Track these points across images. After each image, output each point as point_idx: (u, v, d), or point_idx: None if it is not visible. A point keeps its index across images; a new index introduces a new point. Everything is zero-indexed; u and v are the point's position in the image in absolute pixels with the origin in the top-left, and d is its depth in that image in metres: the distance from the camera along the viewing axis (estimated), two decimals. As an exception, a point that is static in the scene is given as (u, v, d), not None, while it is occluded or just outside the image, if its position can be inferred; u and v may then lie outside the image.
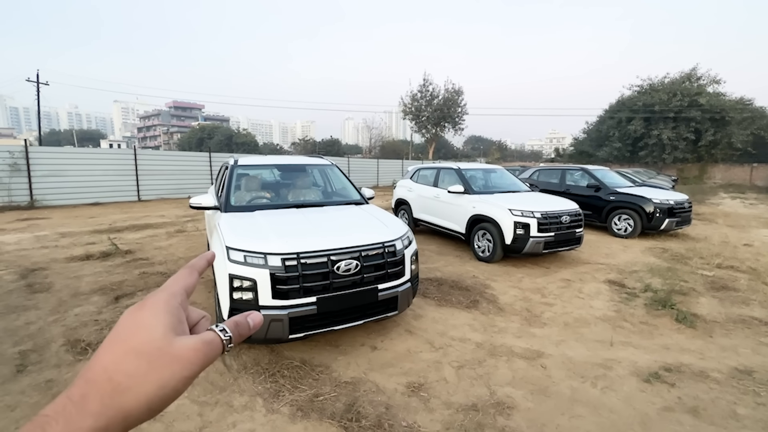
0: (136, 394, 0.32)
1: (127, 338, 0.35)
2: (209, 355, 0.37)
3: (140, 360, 0.33)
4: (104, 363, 0.33)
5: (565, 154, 41.66)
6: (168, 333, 0.36)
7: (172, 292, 0.40)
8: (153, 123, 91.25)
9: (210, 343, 0.38)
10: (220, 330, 0.40)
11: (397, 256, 3.14)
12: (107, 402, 0.31)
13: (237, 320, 0.42)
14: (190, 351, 0.36)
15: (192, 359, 0.36)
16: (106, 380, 0.32)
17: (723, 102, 29.47)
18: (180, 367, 0.35)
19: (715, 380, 2.82)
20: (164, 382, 0.34)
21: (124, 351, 0.34)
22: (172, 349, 0.35)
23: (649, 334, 3.60)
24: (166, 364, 0.34)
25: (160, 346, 0.35)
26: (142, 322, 0.36)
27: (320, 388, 2.62)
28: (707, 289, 4.86)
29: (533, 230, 5.51)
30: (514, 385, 2.72)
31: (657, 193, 8.56)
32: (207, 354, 0.37)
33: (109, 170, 13.03)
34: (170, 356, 0.34)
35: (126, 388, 0.32)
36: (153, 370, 0.33)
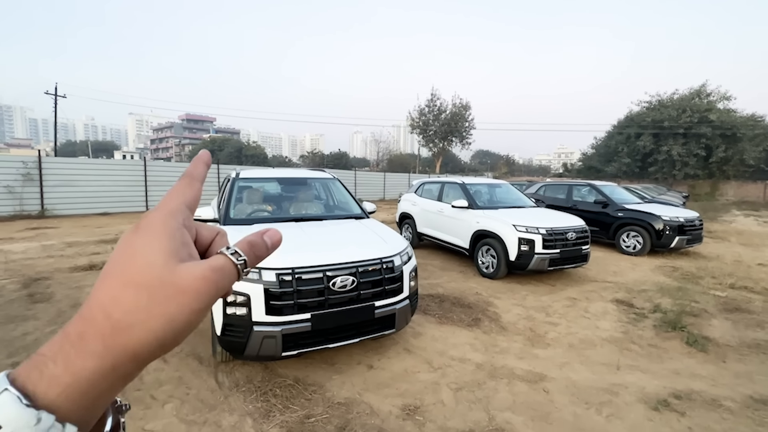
0: (140, 331, 0.28)
1: (123, 269, 0.30)
2: (221, 284, 0.32)
3: (139, 293, 0.29)
4: (100, 298, 0.29)
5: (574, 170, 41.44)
6: (169, 260, 0.31)
7: (170, 210, 0.34)
8: (166, 135, 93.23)
9: (221, 269, 0.33)
10: (232, 253, 0.34)
11: (395, 273, 3.07)
12: (109, 341, 0.28)
13: (251, 239, 0.37)
14: (197, 280, 0.31)
15: (200, 289, 0.31)
16: (104, 317, 0.28)
17: (734, 118, 29.19)
18: (188, 299, 0.30)
19: (728, 409, 2.67)
20: (171, 316, 0.29)
21: (120, 284, 0.29)
22: (175, 278, 0.30)
23: (658, 357, 3.45)
24: (171, 295, 0.30)
25: (161, 275, 0.30)
26: (137, 249, 0.31)
27: (312, 409, 2.53)
28: (720, 311, 4.68)
29: (538, 247, 5.40)
30: (515, 410, 2.60)
31: (667, 209, 8.39)
32: (218, 282, 0.32)
33: (119, 181, 13.24)
34: (174, 287, 0.30)
35: (128, 325, 0.28)
36: (156, 303, 0.29)
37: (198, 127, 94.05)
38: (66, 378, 0.26)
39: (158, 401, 2.59)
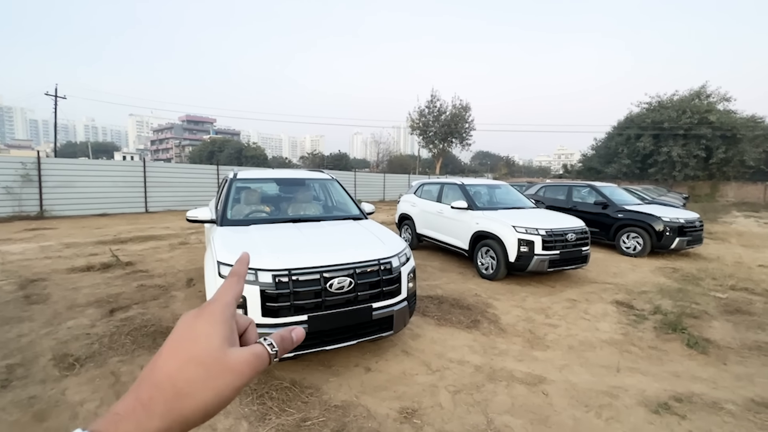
0: (194, 400, 0.35)
1: (188, 347, 0.37)
2: (258, 367, 0.40)
3: (200, 369, 0.36)
4: (168, 370, 0.35)
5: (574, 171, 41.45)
6: (224, 344, 0.38)
7: (225, 302, 0.41)
8: (166, 136, 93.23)
9: (260, 356, 0.40)
10: (268, 344, 0.42)
11: (393, 274, 3.05)
12: (170, 406, 0.34)
13: (282, 335, 0.45)
14: (242, 364, 0.38)
15: (244, 371, 0.38)
16: (170, 386, 0.34)
17: (734, 119, 29.18)
18: (233, 378, 0.37)
19: (729, 412, 2.64)
20: (219, 390, 0.36)
21: (186, 359, 0.36)
22: (227, 360, 0.37)
23: (658, 359, 3.42)
24: (221, 373, 0.36)
25: (218, 356, 0.37)
26: (200, 331, 0.38)
27: (309, 412, 2.50)
28: (720, 313, 4.65)
29: (538, 248, 5.38)
30: (513, 414, 2.58)
31: (667, 210, 8.37)
32: (257, 366, 0.39)
33: (118, 182, 13.22)
34: (225, 367, 0.37)
35: (186, 394, 0.34)
36: (210, 378, 0.36)
37: (198, 128, 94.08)
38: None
39: (153, 404, 2.55)
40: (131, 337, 3.49)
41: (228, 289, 0.43)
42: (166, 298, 4.58)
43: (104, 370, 2.94)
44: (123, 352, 3.23)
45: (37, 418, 2.38)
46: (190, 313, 0.41)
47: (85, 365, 3.00)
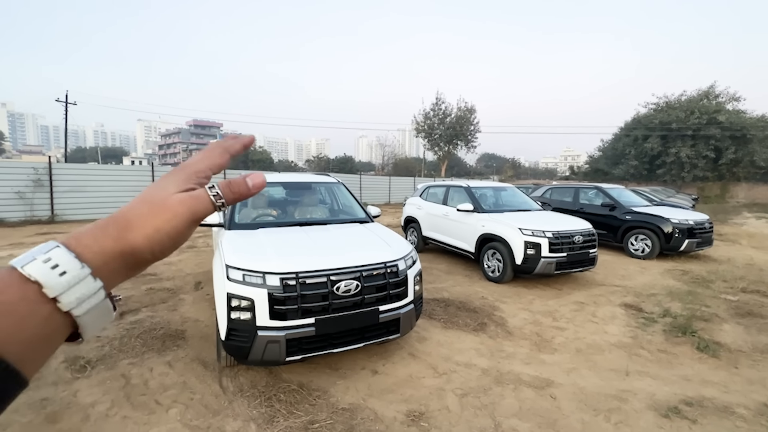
0: (139, 231, 0.40)
1: (145, 193, 0.42)
2: (194, 208, 0.42)
3: (145, 206, 0.41)
4: (125, 208, 0.41)
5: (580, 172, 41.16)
6: (171, 188, 0.42)
7: (196, 170, 0.45)
8: (173, 141, 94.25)
9: (196, 197, 0.43)
10: (209, 187, 0.44)
11: (399, 277, 3.06)
12: (121, 233, 0.39)
13: (232, 179, 0.46)
14: (178, 203, 0.42)
15: (177, 209, 0.41)
16: (123, 218, 0.40)
17: (744, 119, 28.81)
18: (169, 215, 0.41)
19: (741, 417, 2.61)
20: (158, 225, 0.40)
21: (140, 198, 0.42)
22: (167, 199, 0.41)
23: (668, 363, 3.39)
24: (160, 211, 0.41)
25: (162, 196, 0.41)
26: (159, 183, 0.43)
27: (316, 415, 2.52)
28: (731, 315, 4.59)
29: (544, 250, 5.35)
30: (521, 417, 2.57)
31: (676, 212, 8.28)
32: (191, 206, 0.42)
33: (127, 186, 13.38)
34: (164, 205, 0.41)
35: (134, 226, 0.40)
36: (152, 214, 0.40)
37: (205, 133, 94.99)
38: (95, 248, 0.38)
39: (163, 406, 2.59)
40: (141, 340, 3.53)
41: (207, 157, 0.46)
42: (175, 301, 4.63)
43: (115, 373, 2.98)
44: (133, 355, 3.27)
45: (50, 419, 2.42)
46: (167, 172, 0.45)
47: (96, 367, 3.05)
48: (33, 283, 0.33)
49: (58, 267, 0.34)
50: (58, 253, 0.35)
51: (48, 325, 0.34)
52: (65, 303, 0.34)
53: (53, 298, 0.34)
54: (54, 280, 0.34)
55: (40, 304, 0.33)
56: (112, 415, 2.48)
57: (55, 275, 0.34)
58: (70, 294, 0.35)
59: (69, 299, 0.34)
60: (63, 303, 0.34)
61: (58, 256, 0.35)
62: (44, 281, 0.33)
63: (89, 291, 0.36)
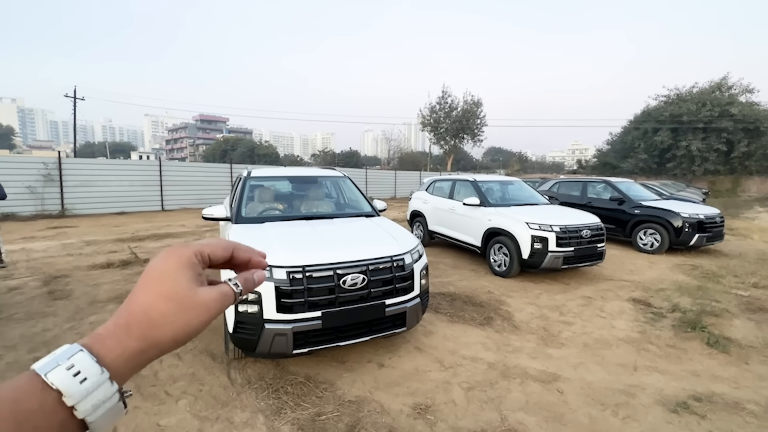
0: (166, 329, 0.40)
1: (158, 285, 0.42)
2: (224, 303, 0.46)
3: (170, 303, 0.41)
4: (142, 302, 0.41)
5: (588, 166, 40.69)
6: (190, 283, 0.43)
7: (197, 251, 0.45)
8: (180, 135, 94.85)
9: (226, 294, 0.46)
10: (234, 284, 0.47)
11: (405, 271, 3.05)
12: (146, 332, 0.39)
13: (246, 276, 0.50)
14: (210, 300, 0.44)
15: (211, 306, 0.43)
16: (145, 317, 0.40)
17: (757, 112, 28.20)
18: (202, 311, 0.42)
19: (751, 413, 2.58)
20: (188, 321, 0.42)
21: (156, 295, 0.41)
22: (196, 297, 0.42)
23: (677, 358, 3.36)
24: (191, 308, 0.42)
25: (186, 294, 0.42)
26: (168, 273, 0.42)
27: (323, 407, 2.54)
28: (742, 311, 4.52)
29: (551, 244, 5.31)
30: (528, 411, 2.56)
31: (685, 206, 8.15)
32: (223, 302, 0.45)
33: (135, 181, 13.53)
34: (194, 302, 0.42)
35: (160, 324, 0.40)
36: (181, 311, 0.41)
37: (211, 128, 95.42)
38: (117, 350, 0.38)
39: (172, 397, 2.63)
40: (150, 332, 3.58)
41: (210, 247, 0.47)
42: (183, 295, 4.68)
43: (125, 364, 3.02)
44: (143, 347, 3.31)
45: (63, 409, 2.47)
46: (161, 254, 0.44)
47: (107, 359, 3.09)
48: (53, 390, 0.33)
49: (80, 374, 0.34)
50: (81, 358, 0.35)
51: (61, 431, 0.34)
52: (81, 411, 0.34)
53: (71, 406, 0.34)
54: (74, 389, 0.34)
55: (57, 412, 0.33)
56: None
57: (76, 383, 0.34)
58: (87, 401, 0.34)
59: (86, 407, 0.34)
60: (79, 411, 0.34)
61: (81, 362, 0.35)
62: (65, 390, 0.33)
63: (105, 396, 0.36)
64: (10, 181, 10.17)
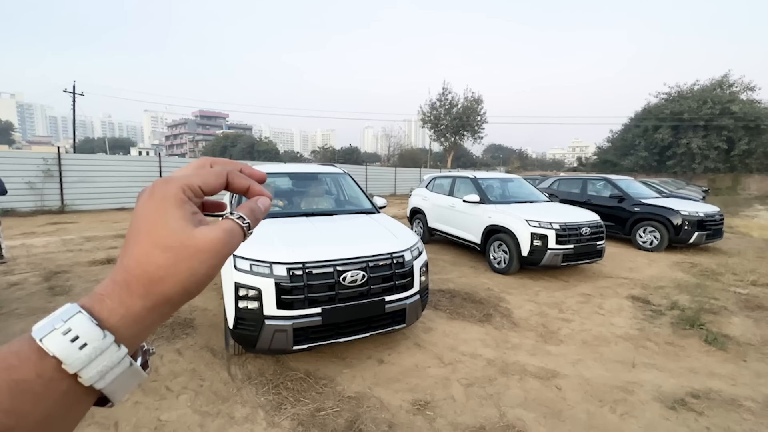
0: (171, 282, 0.35)
1: (148, 232, 0.36)
2: (231, 242, 0.39)
3: (167, 253, 0.35)
4: (135, 256, 0.35)
5: (588, 164, 40.67)
6: (186, 225, 0.37)
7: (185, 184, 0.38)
8: (180, 131, 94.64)
9: (230, 230, 0.39)
10: (238, 217, 0.40)
11: (405, 268, 3.06)
12: (149, 288, 0.34)
13: (250, 205, 0.43)
14: (213, 241, 0.37)
15: (215, 247, 0.37)
16: (142, 271, 0.35)
17: (758, 109, 28.16)
18: (206, 256, 0.36)
19: (748, 410, 2.60)
20: (194, 269, 0.36)
21: (149, 245, 0.35)
22: (195, 240, 0.36)
23: (675, 355, 3.37)
24: (193, 254, 0.36)
25: (182, 238, 0.36)
26: (156, 218, 0.36)
27: (323, 402, 2.55)
28: (740, 308, 4.54)
29: (551, 242, 5.32)
30: (526, 407, 2.58)
31: (685, 204, 8.16)
32: (229, 242, 0.38)
33: (135, 176, 13.51)
34: (195, 247, 0.36)
35: (161, 278, 0.35)
36: (181, 260, 0.35)
37: (211, 124, 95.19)
38: (120, 310, 0.34)
39: (173, 392, 2.64)
40: (151, 328, 3.59)
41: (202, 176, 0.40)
42: (183, 291, 4.69)
43: (126, 359, 3.04)
44: (143, 342, 3.32)
45: (65, 404, 2.48)
46: (144, 194, 0.38)
47: (108, 354, 3.11)
48: (51, 357, 0.31)
49: (78, 339, 0.31)
50: (79, 321, 0.32)
51: (67, 400, 0.31)
52: (86, 378, 0.32)
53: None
54: (74, 356, 0.31)
55: (58, 380, 0.31)
56: (123, 401, 2.54)
57: (74, 349, 0.31)
58: (90, 368, 0.32)
59: (90, 374, 0.32)
60: (84, 378, 0.32)
61: (79, 326, 0.32)
62: (63, 357, 0.31)
63: (112, 362, 0.33)
64: (10, 176, 10.15)
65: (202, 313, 4.02)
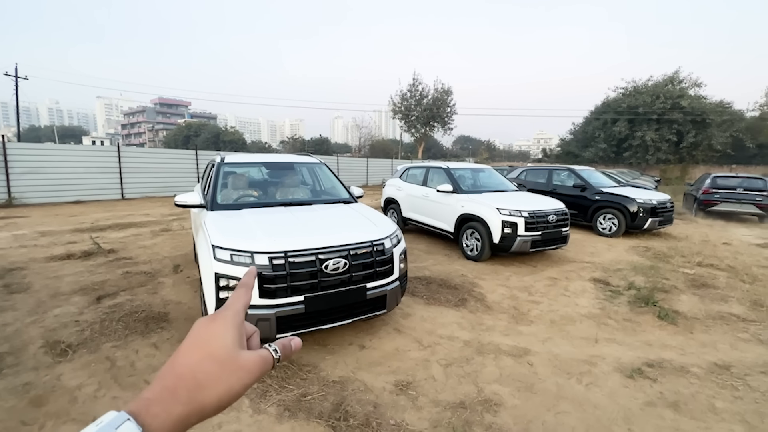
0: (211, 391, 0.40)
1: (205, 345, 0.42)
2: (264, 369, 0.46)
3: (216, 364, 0.41)
4: (189, 363, 0.41)
5: (552, 155, 42.26)
6: (235, 345, 0.43)
7: (236, 310, 0.47)
8: (137, 120, 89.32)
9: (266, 359, 0.46)
10: (273, 350, 0.48)
11: (385, 255, 3.13)
12: (192, 395, 0.39)
13: (284, 343, 0.51)
14: (252, 363, 0.44)
15: (253, 370, 0.44)
16: (191, 378, 0.40)
17: (704, 105, 30.26)
18: (244, 375, 0.42)
19: (695, 375, 2.90)
20: (231, 385, 0.41)
21: (204, 355, 0.41)
22: (239, 359, 0.43)
23: (632, 330, 3.68)
24: (234, 370, 0.42)
25: (232, 355, 0.42)
26: (215, 332, 0.44)
27: (308, 388, 2.60)
28: (688, 287, 4.98)
29: (521, 229, 5.57)
30: (501, 383, 2.75)
31: (640, 193, 8.74)
32: (263, 367, 0.45)
33: (91, 168, 12.72)
34: (238, 365, 0.42)
35: (205, 386, 0.40)
36: (225, 373, 0.41)
37: (172, 112, 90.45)
38: (163, 416, 0.37)
39: (152, 386, 2.59)
40: (123, 323, 3.47)
41: (238, 299, 0.49)
42: (154, 284, 4.54)
43: (99, 356, 2.94)
44: (116, 338, 3.22)
45: (35, 403, 2.38)
46: (205, 317, 0.46)
47: (78, 351, 2.99)
48: None
49: None
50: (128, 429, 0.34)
51: None
52: None
53: None
54: None
55: None
56: (100, 396, 2.47)
57: None
58: None
59: None
60: None
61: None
62: None
63: None
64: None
65: (176, 306, 3.93)
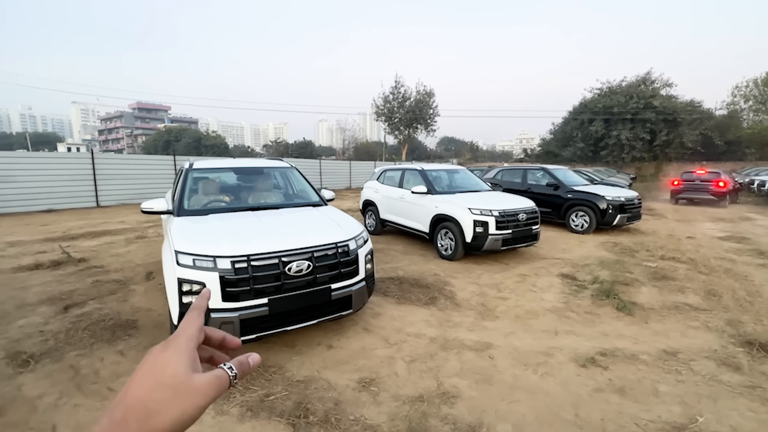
0: (163, 418, 0.40)
1: (157, 374, 0.43)
2: (220, 388, 0.46)
3: (168, 391, 0.42)
4: (139, 394, 0.42)
5: (533, 155, 43.13)
6: (188, 370, 0.44)
7: (189, 335, 0.49)
8: (115, 125, 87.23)
9: (220, 378, 0.47)
10: (228, 368, 0.49)
11: (350, 256, 3.21)
12: (142, 424, 0.39)
13: (241, 360, 0.52)
14: (206, 385, 0.45)
15: (207, 392, 0.44)
16: (141, 407, 0.41)
17: (675, 104, 31.43)
18: (198, 398, 0.43)
19: (644, 362, 3.06)
20: (185, 408, 0.42)
21: (155, 383, 0.42)
22: (192, 383, 0.44)
23: (591, 322, 3.84)
24: (187, 395, 0.43)
25: (183, 380, 0.43)
26: (167, 360, 0.45)
27: (272, 388, 2.65)
28: (649, 279, 5.21)
29: (492, 228, 5.72)
30: (461, 376, 2.85)
31: (610, 190, 9.06)
32: (218, 387, 0.46)
33: (63, 175, 12.38)
34: (190, 389, 0.43)
35: (156, 413, 0.40)
36: (177, 399, 0.42)
37: (151, 117, 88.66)
38: None
39: (115, 393, 2.60)
40: (89, 332, 3.45)
41: (190, 323, 0.50)
42: (125, 292, 4.51)
43: (62, 365, 2.93)
44: (81, 347, 3.20)
45: (-7, 414, 2.37)
46: (157, 346, 0.47)
47: (41, 361, 2.97)
48: None
49: None
50: None
51: None
52: None
53: None
54: None
55: None
56: (61, 405, 2.47)
57: None
58: None
59: None
60: None
61: None
62: None
63: None
64: None
65: (146, 313, 3.91)
